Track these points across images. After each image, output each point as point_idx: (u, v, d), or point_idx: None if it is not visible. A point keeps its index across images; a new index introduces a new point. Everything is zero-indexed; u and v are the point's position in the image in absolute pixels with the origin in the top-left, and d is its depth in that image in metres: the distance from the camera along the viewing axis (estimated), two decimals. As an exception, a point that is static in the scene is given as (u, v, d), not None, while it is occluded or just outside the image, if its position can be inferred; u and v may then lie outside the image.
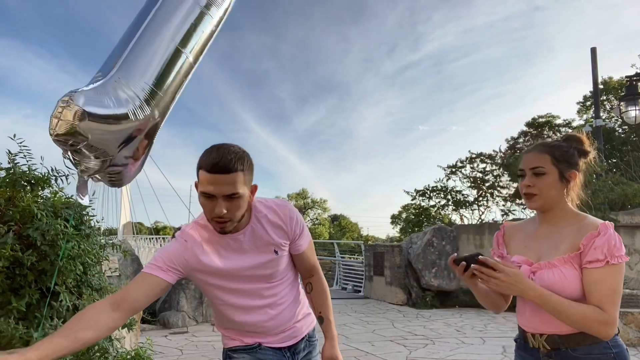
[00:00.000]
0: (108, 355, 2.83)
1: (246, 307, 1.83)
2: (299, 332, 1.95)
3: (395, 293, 12.00)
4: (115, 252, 3.31)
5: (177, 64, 1.79)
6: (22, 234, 2.57)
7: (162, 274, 1.68)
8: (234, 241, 1.76)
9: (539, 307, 1.63)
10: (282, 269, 1.87)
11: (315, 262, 2.00)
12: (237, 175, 1.62)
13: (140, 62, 1.64)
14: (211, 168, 1.61)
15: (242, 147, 1.72)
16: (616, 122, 21.05)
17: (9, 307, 2.46)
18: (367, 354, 6.72)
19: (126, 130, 1.60)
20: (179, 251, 1.73)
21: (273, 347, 1.89)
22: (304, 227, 1.90)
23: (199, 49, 1.87)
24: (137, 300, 1.63)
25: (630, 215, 11.95)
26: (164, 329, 8.32)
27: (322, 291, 1.98)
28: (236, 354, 1.89)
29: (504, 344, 7.38)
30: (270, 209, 1.82)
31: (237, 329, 1.89)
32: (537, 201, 1.72)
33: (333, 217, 67.45)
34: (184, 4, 1.84)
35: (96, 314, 1.57)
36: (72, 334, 1.49)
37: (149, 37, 1.70)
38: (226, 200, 1.62)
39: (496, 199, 14.85)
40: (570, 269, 1.63)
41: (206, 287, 1.81)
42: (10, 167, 2.71)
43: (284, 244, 1.84)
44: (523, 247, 1.78)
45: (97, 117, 1.49)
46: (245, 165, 1.65)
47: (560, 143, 1.79)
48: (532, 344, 1.72)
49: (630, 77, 13.69)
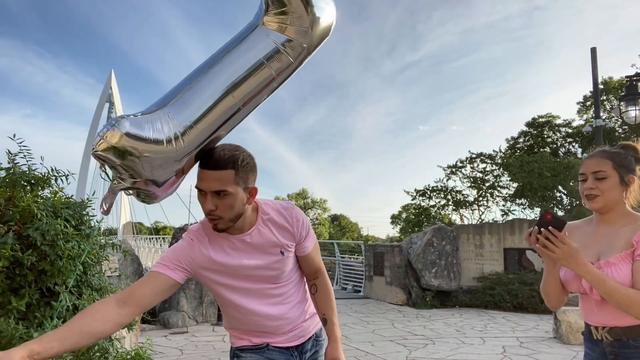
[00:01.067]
0: (108, 355, 2.83)
1: (252, 306, 1.83)
2: (306, 332, 1.96)
3: (395, 293, 12.00)
4: (115, 252, 3.32)
5: (221, 103, 1.81)
6: (22, 234, 2.57)
7: (169, 272, 1.69)
8: (240, 242, 1.78)
9: (602, 303, 1.80)
10: (288, 270, 1.88)
11: (320, 264, 2.01)
12: (226, 173, 1.63)
13: (194, 101, 1.69)
14: (202, 164, 1.67)
15: (245, 149, 1.73)
16: (616, 122, 21.04)
17: (9, 307, 2.45)
18: (367, 354, 6.72)
19: (158, 155, 1.66)
20: (185, 250, 1.74)
21: (281, 347, 1.90)
22: (309, 229, 1.91)
23: (248, 92, 1.83)
24: (144, 296, 1.63)
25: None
26: (164, 329, 8.32)
27: (327, 293, 1.98)
28: (244, 354, 1.90)
29: (504, 344, 7.38)
30: (276, 210, 1.84)
31: (245, 329, 1.90)
32: (599, 202, 1.87)
33: (333, 217, 67.44)
34: (255, 50, 1.82)
35: (102, 308, 1.56)
36: (77, 327, 1.48)
37: (209, 79, 1.74)
38: (215, 197, 1.65)
39: (496, 199, 14.84)
40: (627, 265, 1.77)
41: (213, 286, 1.82)
42: (10, 167, 2.71)
43: (290, 245, 1.85)
44: (583, 246, 1.89)
45: (135, 138, 1.55)
46: (238, 164, 1.66)
47: (619, 150, 1.94)
48: (596, 336, 1.88)
49: (630, 77, 13.68)
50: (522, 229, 12.35)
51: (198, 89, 1.74)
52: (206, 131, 1.72)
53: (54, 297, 2.67)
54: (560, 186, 12.41)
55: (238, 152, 1.69)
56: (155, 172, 1.65)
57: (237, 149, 1.71)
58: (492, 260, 12.32)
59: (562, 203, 14.66)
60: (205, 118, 1.71)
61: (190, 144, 1.68)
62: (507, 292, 10.98)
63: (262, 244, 1.80)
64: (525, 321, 9.55)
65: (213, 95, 1.73)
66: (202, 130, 1.70)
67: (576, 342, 7.34)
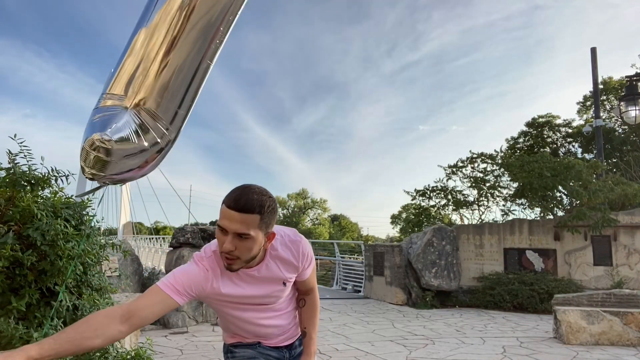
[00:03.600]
0: (108, 355, 2.83)
1: (252, 319, 1.95)
2: (294, 334, 2.11)
3: (395, 293, 12.00)
4: (115, 252, 3.32)
5: (205, 77, 2.03)
6: (22, 234, 2.57)
7: (178, 298, 1.71)
8: (249, 276, 1.84)
9: None
10: (286, 294, 2.00)
11: (314, 285, 2.13)
12: (252, 217, 1.65)
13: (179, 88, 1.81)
14: (230, 203, 1.66)
15: (271, 194, 1.76)
16: (616, 122, 21.03)
17: (9, 307, 2.46)
18: (367, 354, 6.72)
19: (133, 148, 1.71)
20: (199, 280, 1.77)
21: (271, 346, 2.05)
22: (312, 259, 2.02)
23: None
24: (147, 318, 1.66)
25: (630, 215, 11.95)
26: (164, 329, 8.32)
27: (313, 309, 2.13)
28: (237, 349, 2.04)
29: (504, 344, 7.38)
30: (284, 245, 1.90)
31: (238, 333, 2.02)
32: None
33: (333, 217, 67.41)
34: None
35: (105, 323, 1.58)
36: (77, 339, 1.50)
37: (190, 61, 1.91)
38: (236, 238, 1.67)
39: (496, 199, 14.84)
40: None
41: (218, 307, 1.91)
42: (11, 167, 2.70)
43: (293, 277, 1.96)
44: None
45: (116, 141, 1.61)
46: (264, 210, 1.68)
47: None
48: None
49: (630, 77, 13.69)
50: (522, 229, 12.35)
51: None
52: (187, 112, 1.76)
53: (54, 297, 2.67)
54: (561, 186, 12.39)
55: (265, 197, 1.71)
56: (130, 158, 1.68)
57: (265, 193, 1.72)
58: (492, 260, 12.31)
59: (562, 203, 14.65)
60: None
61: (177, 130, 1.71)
62: (507, 292, 10.97)
63: (268, 277, 1.87)
64: (525, 321, 9.55)
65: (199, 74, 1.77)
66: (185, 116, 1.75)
67: (576, 342, 7.35)
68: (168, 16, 2.09)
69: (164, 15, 2.07)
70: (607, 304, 7.80)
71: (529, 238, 12.22)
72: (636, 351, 6.92)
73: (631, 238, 11.86)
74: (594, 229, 11.38)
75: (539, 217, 14.01)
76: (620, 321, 7.40)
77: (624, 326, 7.38)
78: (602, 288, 11.06)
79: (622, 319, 7.40)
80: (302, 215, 63.96)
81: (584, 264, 11.92)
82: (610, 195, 11.76)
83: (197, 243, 9.08)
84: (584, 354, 6.77)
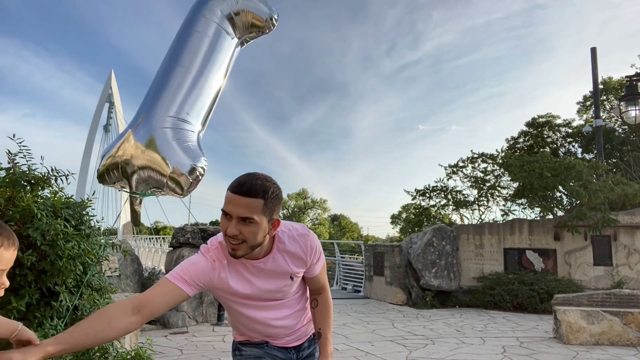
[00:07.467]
0: (108, 355, 2.83)
1: (260, 318, 1.95)
2: (303, 335, 2.09)
3: (395, 293, 12.00)
4: (115, 252, 3.32)
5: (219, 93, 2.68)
6: (22, 234, 2.57)
7: (187, 288, 1.73)
8: (255, 267, 1.84)
9: None
10: (294, 290, 1.99)
11: (325, 283, 2.10)
12: (256, 202, 1.66)
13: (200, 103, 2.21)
14: (235, 188, 1.68)
15: (275, 181, 1.77)
16: (616, 122, 21.03)
17: (9, 307, 2.45)
18: (367, 354, 6.72)
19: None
20: (207, 271, 1.78)
21: (279, 346, 2.04)
22: (321, 254, 2.00)
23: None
24: (158, 308, 1.68)
25: (630, 215, 11.95)
26: (164, 329, 8.32)
27: (326, 309, 2.09)
28: (245, 347, 2.05)
29: (504, 344, 7.38)
30: (292, 238, 1.89)
31: (246, 331, 2.02)
32: None
33: (333, 217, 67.42)
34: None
35: (118, 315, 1.60)
36: (92, 332, 1.53)
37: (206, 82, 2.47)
38: (240, 222, 1.67)
39: (496, 199, 14.83)
40: None
41: (226, 301, 1.93)
42: (10, 167, 2.70)
43: (300, 271, 1.94)
44: None
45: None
46: (267, 195, 1.69)
47: None
48: None
49: (630, 77, 13.68)
50: (522, 229, 12.35)
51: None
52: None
53: (54, 297, 2.66)
54: (561, 186, 12.39)
55: (269, 183, 1.72)
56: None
57: (269, 179, 1.74)
58: (492, 260, 12.31)
59: (562, 203, 14.65)
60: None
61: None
62: (507, 292, 10.97)
63: (275, 270, 1.87)
64: (525, 321, 9.55)
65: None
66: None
67: (576, 342, 7.34)
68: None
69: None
70: (607, 304, 7.79)
71: (529, 238, 12.22)
72: (636, 351, 6.92)
73: (631, 238, 11.86)
74: (594, 229, 11.38)
75: (539, 217, 14.01)
76: (620, 321, 7.40)
77: (624, 326, 7.38)
78: (602, 288, 11.06)
79: (622, 319, 7.39)
80: (302, 215, 63.95)
81: (584, 264, 11.92)
82: (610, 196, 11.76)
83: (197, 243, 9.08)
84: (584, 354, 6.77)
